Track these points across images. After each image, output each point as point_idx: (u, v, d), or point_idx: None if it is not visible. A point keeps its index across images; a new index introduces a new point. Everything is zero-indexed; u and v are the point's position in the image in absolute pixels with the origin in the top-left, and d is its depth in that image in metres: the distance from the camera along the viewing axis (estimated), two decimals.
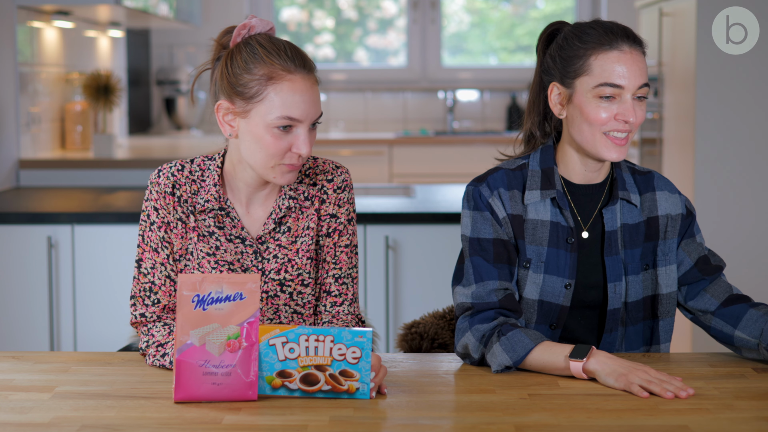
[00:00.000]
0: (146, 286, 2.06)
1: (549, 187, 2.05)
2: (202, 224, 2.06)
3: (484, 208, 2.05)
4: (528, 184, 2.06)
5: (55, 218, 3.48)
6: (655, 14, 4.72)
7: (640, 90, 1.98)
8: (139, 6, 4.60)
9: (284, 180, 2.00)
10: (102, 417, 1.69)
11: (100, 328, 3.47)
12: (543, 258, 2.04)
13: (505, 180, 2.07)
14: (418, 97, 6.67)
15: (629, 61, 1.97)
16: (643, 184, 2.10)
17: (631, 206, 2.07)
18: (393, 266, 3.51)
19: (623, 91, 1.97)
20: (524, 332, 1.93)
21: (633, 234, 2.07)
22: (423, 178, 5.97)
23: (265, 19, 2.03)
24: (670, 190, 2.11)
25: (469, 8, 6.93)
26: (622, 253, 2.06)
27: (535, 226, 2.05)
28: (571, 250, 2.04)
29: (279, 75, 1.94)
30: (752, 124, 4.11)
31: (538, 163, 2.08)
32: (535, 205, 2.05)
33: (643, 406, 1.74)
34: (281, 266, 2.07)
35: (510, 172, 2.08)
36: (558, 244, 2.04)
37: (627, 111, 1.97)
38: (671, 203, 2.09)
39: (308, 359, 1.76)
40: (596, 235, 2.06)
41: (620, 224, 2.06)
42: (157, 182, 2.06)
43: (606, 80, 1.97)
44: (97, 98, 4.67)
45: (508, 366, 1.92)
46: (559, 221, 2.05)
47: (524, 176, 2.07)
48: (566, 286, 2.04)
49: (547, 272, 2.04)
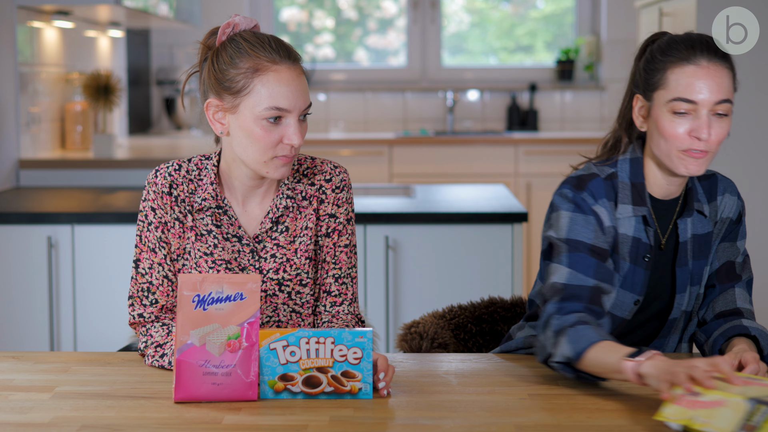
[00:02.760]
0: (144, 286, 2.06)
1: (640, 203, 2.01)
2: (200, 223, 2.06)
3: (589, 212, 1.99)
4: (620, 197, 2.01)
5: (55, 218, 3.48)
6: (655, 14, 4.72)
7: (719, 106, 1.92)
8: (139, 6, 4.60)
9: (278, 174, 2.00)
10: (102, 417, 1.69)
11: (100, 328, 3.47)
12: (623, 273, 2.02)
13: (604, 189, 2.01)
14: (418, 97, 6.67)
15: (706, 76, 1.91)
16: (708, 190, 2.08)
17: (702, 216, 2.06)
18: (393, 266, 3.51)
19: (698, 107, 1.92)
20: (595, 329, 1.86)
21: (702, 244, 2.05)
22: (423, 178, 5.97)
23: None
24: (731, 192, 2.09)
25: (469, 8, 6.92)
26: (690, 264, 2.05)
27: (623, 240, 2.02)
28: (646, 267, 2.02)
29: (264, 66, 1.95)
30: (752, 124, 4.11)
31: (628, 176, 2.03)
32: (626, 220, 2.02)
33: (643, 406, 1.74)
34: (280, 266, 2.07)
35: (605, 181, 2.02)
36: (636, 260, 2.02)
37: (701, 127, 1.92)
38: (729, 206, 2.08)
39: (310, 362, 1.76)
40: (669, 247, 2.05)
41: (690, 235, 2.05)
42: (154, 182, 2.06)
43: (680, 95, 1.92)
44: (97, 98, 4.67)
45: (570, 359, 1.84)
46: (641, 237, 2.02)
47: (615, 187, 2.02)
48: (635, 303, 2.03)
49: (622, 287, 2.02)
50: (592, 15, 6.73)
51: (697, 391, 1.64)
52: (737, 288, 2.07)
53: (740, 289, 2.07)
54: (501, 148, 6.04)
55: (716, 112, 1.93)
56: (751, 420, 1.61)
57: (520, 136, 6.19)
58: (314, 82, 6.72)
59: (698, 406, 1.64)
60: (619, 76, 6.57)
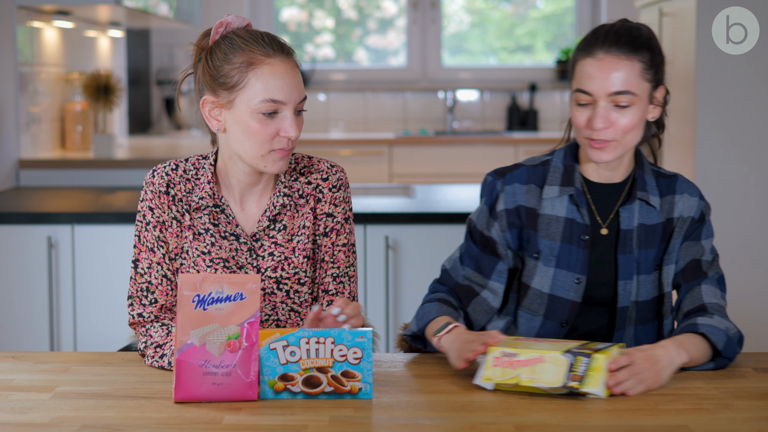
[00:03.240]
0: (143, 286, 2.06)
1: (568, 184, 2.08)
2: (198, 222, 2.07)
3: (489, 200, 2.12)
4: (549, 179, 2.10)
5: (55, 218, 3.48)
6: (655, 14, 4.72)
7: (618, 97, 1.98)
8: (139, 6, 4.60)
9: (276, 168, 2.00)
10: (102, 417, 1.69)
11: (100, 328, 3.47)
12: (555, 252, 2.08)
13: (524, 176, 2.12)
14: (418, 97, 6.67)
15: (600, 69, 1.98)
16: (665, 186, 2.11)
17: (650, 208, 2.08)
18: (393, 266, 3.51)
19: (594, 98, 1.99)
20: (438, 306, 2.07)
21: (650, 234, 2.08)
22: (423, 178, 5.97)
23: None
24: (690, 193, 2.11)
25: (469, 8, 6.92)
26: (636, 253, 2.07)
27: (550, 221, 2.08)
28: (584, 246, 2.07)
29: (258, 60, 1.96)
30: (752, 124, 4.11)
31: (561, 160, 2.11)
32: (552, 201, 2.08)
33: (643, 406, 1.74)
34: (278, 264, 2.08)
35: (531, 168, 2.13)
36: (571, 240, 2.07)
37: (594, 118, 1.99)
38: (688, 206, 2.10)
39: (310, 362, 1.76)
40: (613, 233, 2.08)
41: (637, 224, 2.08)
42: (151, 182, 2.07)
43: (578, 86, 2.02)
44: (97, 98, 4.67)
45: (415, 333, 2.08)
46: (574, 218, 2.07)
47: (546, 172, 2.11)
48: (576, 281, 2.07)
49: (559, 266, 2.07)
50: (592, 15, 6.73)
51: (512, 353, 1.79)
52: (704, 285, 2.07)
53: (707, 286, 2.07)
54: (501, 148, 6.04)
55: (617, 103, 1.99)
56: (576, 371, 1.74)
57: (520, 136, 6.19)
58: (314, 82, 6.72)
59: (518, 365, 1.77)
60: None
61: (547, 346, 1.81)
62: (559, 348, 1.80)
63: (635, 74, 1.99)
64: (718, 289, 2.08)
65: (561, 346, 1.81)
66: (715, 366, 1.95)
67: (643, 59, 2.00)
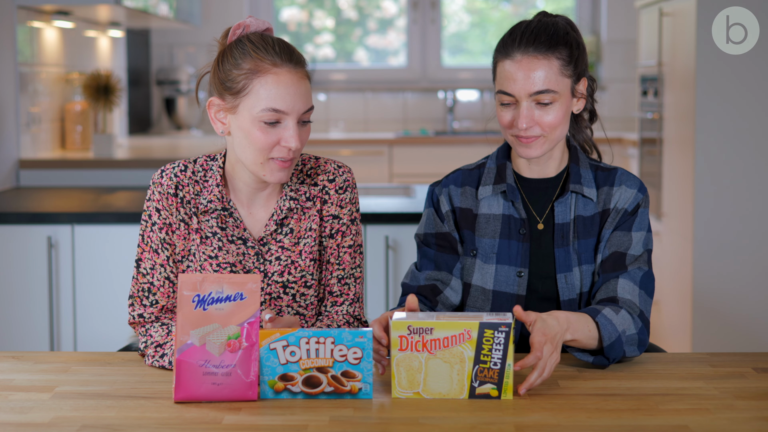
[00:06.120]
0: (145, 286, 2.06)
1: (501, 181, 2.13)
2: (205, 225, 2.06)
3: (430, 206, 2.17)
4: (483, 180, 2.15)
5: (55, 218, 3.48)
6: (655, 14, 4.72)
7: (539, 96, 2.02)
8: (139, 6, 4.60)
9: (275, 178, 2.00)
10: (102, 417, 1.69)
11: (100, 328, 3.47)
12: (495, 249, 2.11)
13: (459, 179, 2.17)
14: (418, 97, 6.67)
15: (518, 70, 2.03)
16: (603, 179, 2.12)
17: (587, 200, 2.10)
18: (393, 266, 3.51)
19: (517, 98, 2.03)
20: None
21: (587, 225, 2.09)
22: (423, 178, 5.97)
23: (266, 19, 2.04)
24: (629, 185, 2.10)
25: (469, 8, 6.93)
26: (575, 244, 2.09)
27: (488, 219, 2.12)
28: (523, 240, 2.10)
29: (264, 68, 1.96)
30: (752, 124, 4.11)
31: (495, 161, 2.17)
32: (488, 200, 2.13)
33: (643, 406, 1.74)
34: (284, 268, 2.07)
35: (467, 171, 2.19)
36: (510, 235, 2.10)
37: (519, 118, 2.03)
38: (624, 198, 2.10)
39: (310, 362, 1.76)
40: (550, 227, 2.11)
41: (574, 216, 2.10)
42: (159, 183, 2.06)
43: (500, 88, 2.07)
44: (97, 98, 4.67)
45: None
46: (511, 214, 2.11)
47: (481, 174, 2.16)
48: (518, 274, 2.09)
49: (500, 262, 2.10)
50: (592, 15, 6.73)
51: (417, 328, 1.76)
52: (621, 278, 2.03)
53: (625, 280, 2.03)
54: None
55: (539, 101, 2.03)
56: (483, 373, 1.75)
57: None
58: (314, 83, 6.69)
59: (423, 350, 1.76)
60: (619, 76, 6.57)
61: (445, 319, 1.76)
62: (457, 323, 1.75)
63: (554, 72, 2.02)
64: (636, 286, 2.03)
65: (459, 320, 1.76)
66: (593, 362, 1.94)
67: (561, 56, 2.03)
